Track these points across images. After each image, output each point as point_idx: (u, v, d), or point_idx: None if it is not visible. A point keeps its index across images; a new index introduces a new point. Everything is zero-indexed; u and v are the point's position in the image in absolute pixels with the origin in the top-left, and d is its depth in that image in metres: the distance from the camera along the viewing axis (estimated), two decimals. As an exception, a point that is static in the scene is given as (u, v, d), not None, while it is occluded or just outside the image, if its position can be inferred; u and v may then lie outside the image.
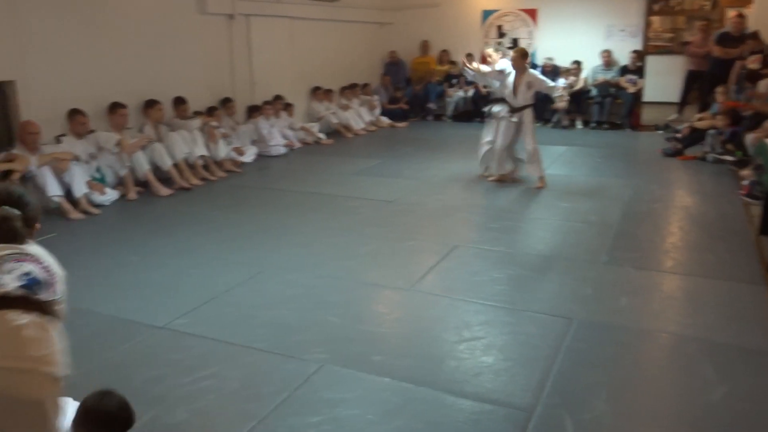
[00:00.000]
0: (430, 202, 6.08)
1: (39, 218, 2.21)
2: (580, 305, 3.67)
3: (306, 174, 7.41)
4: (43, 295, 1.91)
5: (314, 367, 2.96)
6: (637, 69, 10.70)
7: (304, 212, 5.73)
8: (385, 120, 11.39)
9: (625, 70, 10.78)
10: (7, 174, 5.19)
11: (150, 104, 6.86)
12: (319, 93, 10.26)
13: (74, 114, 6.09)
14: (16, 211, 2.04)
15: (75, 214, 5.57)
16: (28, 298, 1.87)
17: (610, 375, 2.92)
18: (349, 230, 5.18)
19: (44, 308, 1.90)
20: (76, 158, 5.86)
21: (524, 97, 6.51)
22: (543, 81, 6.58)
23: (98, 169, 6.20)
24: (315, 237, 5.01)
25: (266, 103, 8.76)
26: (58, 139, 5.93)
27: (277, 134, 8.65)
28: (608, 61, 10.87)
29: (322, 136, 9.60)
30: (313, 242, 4.88)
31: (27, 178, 5.42)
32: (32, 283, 1.90)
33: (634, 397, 2.79)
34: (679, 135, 8.48)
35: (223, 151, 7.42)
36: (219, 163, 7.38)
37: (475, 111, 11.65)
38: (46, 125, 5.75)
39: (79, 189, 5.72)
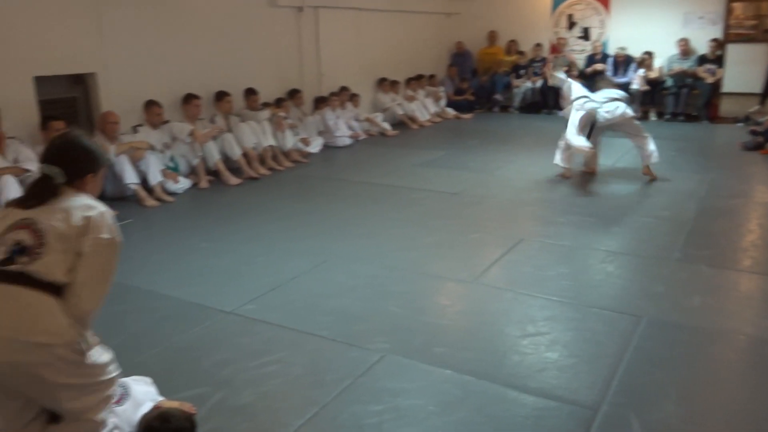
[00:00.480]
0: (495, 195, 6.02)
1: (92, 168, 2.17)
2: (650, 303, 3.56)
3: (371, 165, 7.45)
4: (23, 261, 1.92)
5: (376, 356, 2.99)
6: (716, 58, 10.23)
7: (368, 203, 5.77)
8: (451, 111, 11.31)
9: (703, 60, 10.33)
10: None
11: (220, 96, 7.05)
12: (385, 84, 10.29)
13: (150, 105, 6.33)
14: (56, 169, 2.05)
15: (150, 202, 5.79)
16: (6, 269, 1.91)
17: (680, 376, 2.82)
18: (413, 221, 5.19)
19: (26, 278, 1.91)
20: (152, 147, 6.09)
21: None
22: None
23: (172, 158, 6.42)
24: (379, 227, 5.04)
25: (332, 94, 8.86)
26: (134, 129, 6.17)
27: (342, 125, 8.73)
28: (685, 50, 10.43)
29: (387, 127, 9.63)
30: (377, 233, 4.91)
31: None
32: (15, 253, 1.92)
33: (706, 400, 2.69)
34: (760, 128, 8.06)
35: (290, 141, 7.55)
36: (286, 154, 7.51)
37: (543, 102, 11.44)
38: (123, 115, 6.01)
39: (154, 177, 5.94)
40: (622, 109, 6.28)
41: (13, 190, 4.73)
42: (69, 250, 1.98)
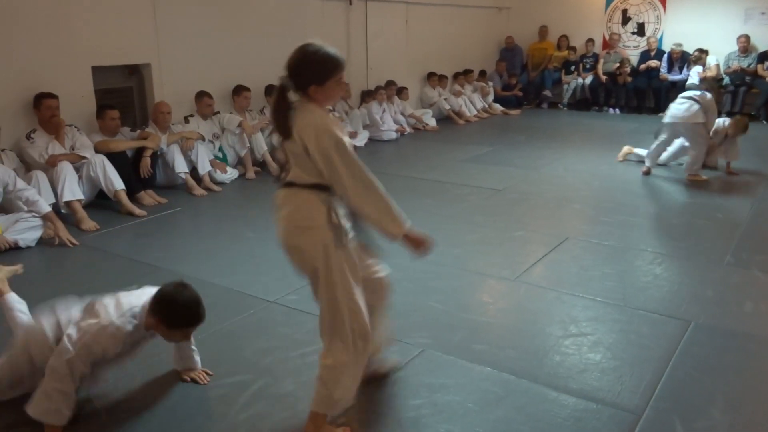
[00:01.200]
0: (541, 192, 5.94)
1: (315, 79, 2.33)
2: (700, 308, 3.47)
3: (416, 159, 7.44)
4: (283, 175, 2.31)
5: (416, 351, 3.00)
6: (778, 56, 9.85)
7: (412, 198, 5.76)
8: (498, 107, 11.19)
9: (764, 57, 9.95)
10: (141, 150, 5.60)
11: (269, 90, 7.13)
12: (433, 79, 10.25)
13: (201, 96, 6.45)
14: (286, 79, 2.30)
15: (198, 191, 5.91)
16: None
17: (729, 383, 2.74)
18: (457, 217, 5.16)
19: (291, 184, 2.27)
20: (202, 138, 6.21)
21: None
22: None
23: (221, 149, 6.54)
24: (422, 223, 4.97)
25: (378, 87, 8.87)
26: (186, 120, 6.31)
27: (388, 119, 8.74)
28: (745, 47, 10.07)
29: (431, 123, 9.58)
30: (420, 227, 4.86)
31: (158, 155, 5.82)
32: (282, 168, 2.32)
33: (756, 409, 2.60)
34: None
35: (336, 134, 7.58)
36: (332, 146, 7.55)
37: (592, 99, 11.22)
38: (175, 106, 6.15)
39: (203, 167, 6.06)
40: (688, 105, 6.04)
41: (71, 176, 4.91)
42: (305, 162, 2.23)
